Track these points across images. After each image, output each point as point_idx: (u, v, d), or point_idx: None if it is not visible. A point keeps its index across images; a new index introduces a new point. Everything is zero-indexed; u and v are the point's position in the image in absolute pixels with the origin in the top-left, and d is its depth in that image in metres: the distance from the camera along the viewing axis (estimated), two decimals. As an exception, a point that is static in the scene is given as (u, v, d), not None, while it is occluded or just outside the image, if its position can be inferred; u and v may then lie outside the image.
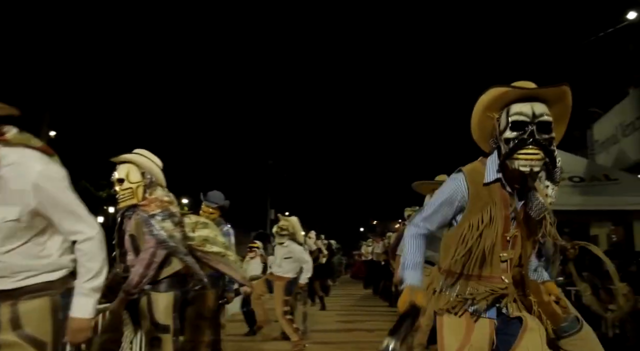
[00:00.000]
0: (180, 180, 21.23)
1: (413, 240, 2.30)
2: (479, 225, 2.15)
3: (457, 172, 2.27)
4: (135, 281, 3.23)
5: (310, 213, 42.36)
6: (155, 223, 3.27)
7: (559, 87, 2.09)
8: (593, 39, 11.99)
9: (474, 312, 2.18)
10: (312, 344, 6.83)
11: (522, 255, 2.20)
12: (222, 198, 5.16)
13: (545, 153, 2.03)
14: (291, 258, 6.39)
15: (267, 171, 30.51)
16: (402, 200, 27.63)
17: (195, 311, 4.10)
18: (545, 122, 2.05)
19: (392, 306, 11.53)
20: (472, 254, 2.17)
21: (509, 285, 2.18)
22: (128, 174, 3.31)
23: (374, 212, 46.94)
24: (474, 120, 2.24)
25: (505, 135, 2.10)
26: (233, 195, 21.58)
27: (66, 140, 18.21)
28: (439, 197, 2.28)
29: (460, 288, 2.22)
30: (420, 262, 2.26)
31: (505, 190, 2.17)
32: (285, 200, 37.85)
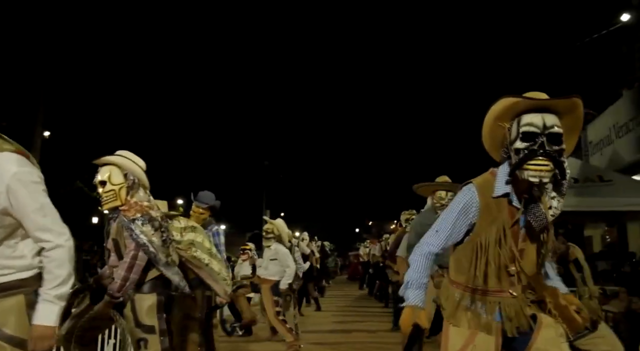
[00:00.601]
0: (175, 180, 21.19)
1: (423, 259, 2.27)
2: (490, 240, 2.15)
3: (468, 185, 2.26)
4: (118, 285, 3.20)
5: (306, 214, 42.44)
6: (136, 227, 3.25)
7: (570, 99, 2.09)
8: (587, 41, 12.05)
9: (482, 324, 2.17)
10: (307, 345, 6.82)
11: (534, 266, 2.20)
12: (212, 198, 5.15)
13: (555, 164, 2.02)
14: (277, 260, 6.36)
15: (263, 172, 30.50)
16: (398, 201, 27.30)
17: (183, 311, 4.09)
18: (555, 133, 2.04)
19: (387, 307, 11.56)
20: (482, 269, 2.17)
21: (518, 297, 2.17)
22: (110, 176, 3.29)
23: (370, 213, 46.97)
24: (485, 129, 2.23)
25: (515, 146, 2.09)
26: (229, 196, 21.06)
27: (60, 140, 18.15)
28: (452, 211, 2.25)
29: (469, 301, 2.22)
30: (425, 283, 2.24)
31: (512, 204, 2.16)
32: (281, 201, 37.88)
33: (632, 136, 9.98)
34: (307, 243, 11.14)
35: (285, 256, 6.39)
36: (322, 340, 7.16)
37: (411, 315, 2.17)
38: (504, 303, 2.17)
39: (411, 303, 2.20)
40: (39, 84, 16.07)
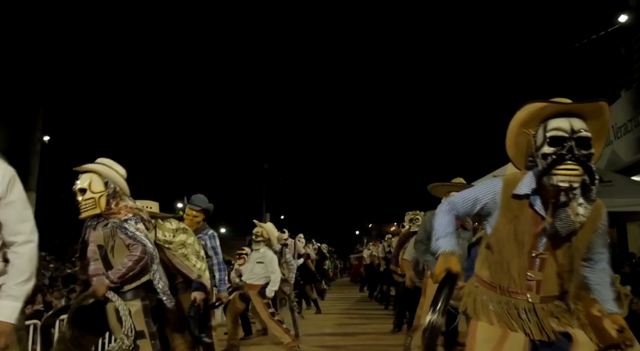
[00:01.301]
0: (175, 184, 21.17)
1: (444, 215, 2.31)
2: (508, 238, 2.14)
3: (497, 178, 2.28)
4: (121, 273, 3.21)
5: (306, 217, 42.42)
6: (129, 226, 3.27)
7: (596, 103, 2.06)
8: (585, 42, 12.07)
9: (507, 323, 2.14)
10: (308, 348, 6.83)
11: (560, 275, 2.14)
12: (205, 201, 5.14)
13: (584, 169, 1.99)
14: (263, 263, 6.29)
15: (262, 175, 30.50)
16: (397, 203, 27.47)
17: (177, 314, 4.10)
18: (584, 137, 2.02)
19: (387, 310, 11.54)
20: (499, 268, 2.16)
21: (535, 304, 2.13)
22: (90, 184, 3.28)
23: (369, 215, 46.94)
24: (509, 137, 2.20)
25: (542, 151, 2.06)
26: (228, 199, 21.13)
27: (60, 145, 18.18)
28: (474, 192, 2.29)
29: (492, 298, 2.20)
30: (451, 232, 2.27)
31: (533, 207, 2.13)
32: (281, 204, 37.88)
33: (630, 137, 10.00)
34: (303, 245, 11.11)
35: (272, 261, 6.32)
36: (323, 343, 7.15)
37: (443, 262, 2.18)
38: (517, 305, 2.14)
39: (442, 250, 2.22)
40: (38, 88, 16.07)
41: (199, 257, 4.33)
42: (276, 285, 6.27)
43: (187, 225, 4.86)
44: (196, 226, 5.04)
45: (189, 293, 4.22)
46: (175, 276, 4.17)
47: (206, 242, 4.99)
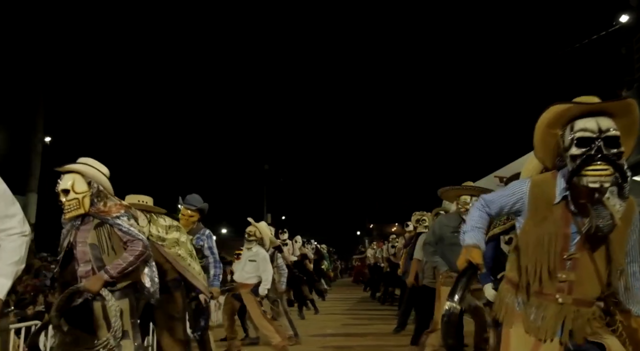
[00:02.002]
0: (176, 185, 21.20)
1: (477, 211, 2.34)
2: (537, 240, 2.13)
3: (526, 179, 2.30)
4: (121, 267, 3.19)
5: (307, 217, 42.41)
6: (122, 222, 3.26)
7: (623, 101, 2.05)
8: (586, 42, 12.07)
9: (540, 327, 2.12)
10: (310, 348, 6.83)
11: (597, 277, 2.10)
12: (200, 200, 5.13)
13: (614, 168, 1.98)
14: (255, 261, 6.28)
15: (263, 176, 30.54)
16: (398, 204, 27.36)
17: (166, 314, 4.09)
18: (612, 136, 2.00)
19: (390, 310, 11.53)
20: (529, 270, 2.15)
21: (565, 307, 2.10)
22: (73, 184, 3.24)
23: (370, 216, 46.93)
24: (536, 138, 2.19)
25: (571, 152, 2.05)
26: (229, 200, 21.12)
27: (61, 146, 18.18)
28: (504, 193, 2.30)
29: (523, 301, 2.19)
30: (480, 228, 2.28)
31: (568, 208, 2.11)
32: (282, 205, 37.89)
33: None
34: (299, 246, 11.10)
35: (264, 260, 6.31)
36: (325, 344, 7.16)
37: (465, 253, 2.21)
38: (548, 307, 2.11)
39: (467, 243, 2.24)
40: (39, 89, 16.09)
41: (192, 257, 4.34)
42: (268, 284, 6.26)
43: (182, 225, 4.87)
44: (192, 226, 5.04)
45: (179, 292, 4.22)
46: (166, 273, 4.16)
47: (204, 242, 5.01)
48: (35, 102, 16.07)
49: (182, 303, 4.31)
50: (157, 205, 4.41)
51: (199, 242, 4.99)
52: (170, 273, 4.22)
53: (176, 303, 4.22)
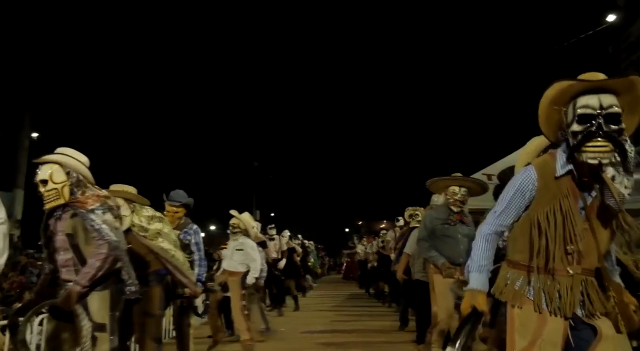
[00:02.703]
0: (165, 182, 21.10)
1: (483, 242, 2.28)
2: (547, 217, 2.13)
3: (528, 165, 2.27)
4: (91, 275, 3.11)
5: (296, 214, 42.37)
6: (96, 217, 3.19)
7: (626, 78, 2.06)
8: (574, 41, 12.17)
9: (546, 306, 2.12)
10: (297, 345, 6.84)
11: (598, 250, 2.14)
12: (185, 196, 5.12)
13: (614, 145, 1.99)
14: (243, 250, 6.30)
15: (253, 172, 30.46)
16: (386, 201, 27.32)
17: (142, 309, 4.03)
18: (614, 113, 2.01)
19: (384, 307, 11.55)
20: (540, 247, 2.15)
21: (574, 276, 2.12)
22: (52, 175, 3.22)
23: (359, 213, 47.00)
24: (541, 114, 2.20)
25: (572, 129, 2.07)
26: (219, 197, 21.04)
27: (49, 142, 18.02)
28: (510, 190, 2.25)
29: (530, 281, 2.18)
30: (486, 265, 2.25)
31: (575, 182, 2.13)
32: (271, 202, 37.82)
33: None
34: (287, 241, 11.08)
35: (252, 249, 6.36)
36: (313, 340, 7.15)
37: (471, 299, 2.20)
38: (560, 283, 2.12)
39: (471, 286, 2.23)
40: (26, 85, 15.93)
41: (177, 247, 4.31)
42: (257, 273, 6.31)
43: (169, 221, 4.89)
44: (178, 222, 5.03)
45: (159, 288, 4.19)
46: (149, 265, 4.13)
47: (191, 238, 4.99)
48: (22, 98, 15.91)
49: (161, 300, 4.26)
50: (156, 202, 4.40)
51: (186, 237, 4.98)
52: (154, 265, 4.17)
53: (154, 300, 4.16)
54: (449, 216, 4.98)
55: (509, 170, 3.79)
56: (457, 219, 4.97)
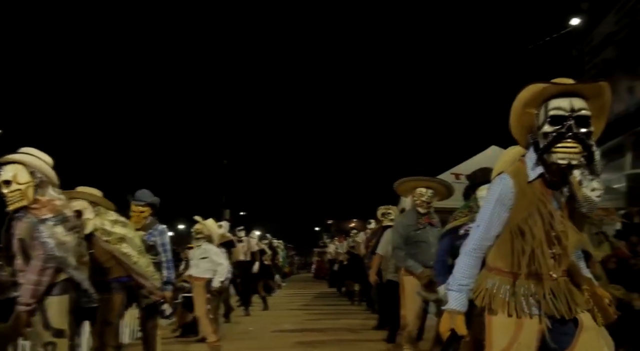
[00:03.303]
0: (133, 180, 20.76)
1: (466, 258, 2.28)
2: (527, 223, 2.15)
3: (501, 174, 2.28)
4: (31, 290, 3.02)
5: (266, 213, 42.25)
6: (45, 229, 3.07)
7: (596, 83, 2.11)
8: (539, 44, 12.44)
9: (525, 310, 2.14)
10: (267, 344, 6.82)
11: (571, 250, 2.19)
12: (150, 195, 5.02)
13: (583, 147, 2.04)
14: (207, 258, 6.28)
15: (222, 171, 30.22)
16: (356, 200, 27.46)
17: (101, 317, 3.92)
18: (583, 116, 2.07)
19: (353, 305, 11.60)
20: (521, 252, 2.16)
21: (558, 279, 2.15)
22: (15, 175, 3.12)
23: (329, 212, 47.11)
24: (513, 117, 2.23)
25: (543, 130, 2.11)
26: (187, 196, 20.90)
27: (13, 139, 17.52)
28: (490, 201, 2.24)
29: (510, 287, 2.19)
30: (467, 285, 2.25)
31: (547, 185, 2.17)
32: (241, 200, 37.61)
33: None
34: (255, 242, 11.02)
35: (217, 254, 6.36)
36: (283, 340, 7.14)
37: (449, 321, 2.20)
38: (544, 287, 2.14)
39: (449, 307, 2.23)
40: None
41: (141, 253, 4.24)
42: (223, 276, 6.30)
43: (134, 222, 4.78)
44: (144, 222, 4.91)
45: (119, 295, 4.10)
46: (109, 271, 4.05)
47: (156, 238, 4.87)
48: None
49: (120, 308, 4.18)
50: (112, 202, 4.31)
51: (150, 238, 4.85)
52: (115, 272, 4.08)
53: (113, 307, 4.07)
54: (417, 219, 4.99)
55: (480, 171, 3.82)
56: (425, 221, 5.00)
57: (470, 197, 3.84)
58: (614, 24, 9.78)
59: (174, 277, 5.11)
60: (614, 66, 9.05)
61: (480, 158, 8.86)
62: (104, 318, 3.98)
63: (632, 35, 8.65)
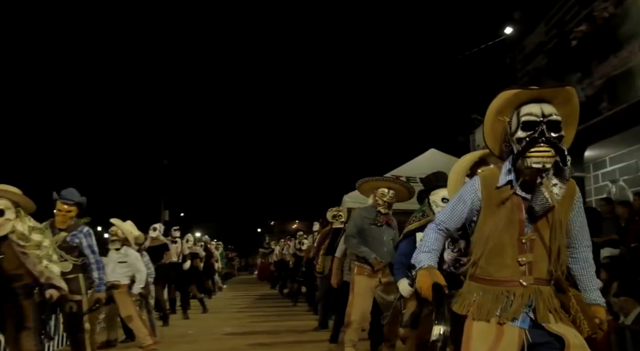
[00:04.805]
0: (70, 179, 19.93)
1: (432, 233, 2.36)
2: (495, 228, 2.20)
3: (474, 177, 2.36)
4: None
5: (207, 215, 41.57)
6: None
7: (563, 88, 2.20)
8: (474, 51, 12.91)
9: (503, 318, 2.16)
10: (207, 347, 6.72)
11: (549, 258, 2.20)
12: (78, 194, 4.88)
13: (555, 151, 2.11)
14: (126, 262, 6.12)
15: (162, 171, 29.49)
16: (298, 201, 27.65)
17: (13, 323, 3.87)
18: (554, 121, 2.14)
19: (296, 307, 11.60)
20: (489, 258, 2.21)
21: (528, 288, 2.17)
22: None
23: (271, 213, 46.95)
24: (486, 126, 2.30)
25: (517, 136, 2.17)
26: (125, 196, 20.41)
27: None
28: (455, 198, 2.36)
29: (484, 293, 2.22)
30: (435, 250, 2.32)
31: (517, 193, 2.21)
32: (180, 201, 36.85)
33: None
34: (189, 245, 10.85)
35: (137, 260, 6.19)
36: (224, 344, 7.06)
37: (428, 276, 2.21)
38: (514, 292, 2.17)
39: (423, 264, 2.26)
40: None
41: (51, 261, 4.11)
42: (143, 283, 6.16)
43: (59, 221, 4.68)
44: (70, 222, 4.78)
45: (29, 301, 3.99)
46: (18, 278, 3.94)
47: (81, 240, 4.76)
48: None
49: (34, 312, 4.05)
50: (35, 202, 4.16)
51: (74, 239, 4.74)
52: (24, 279, 3.98)
53: (26, 313, 3.96)
54: (376, 216, 5.06)
55: (433, 175, 3.91)
56: (383, 220, 5.08)
57: (424, 201, 3.93)
58: (544, 34, 10.27)
59: (105, 277, 4.98)
60: (544, 74, 9.47)
61: (419, 161, 9.10)
62: (17, 323, 3.85)
63: (559, 44, 9.10)
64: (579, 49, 7.94)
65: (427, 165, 7.24)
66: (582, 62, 7.59)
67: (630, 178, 8.13)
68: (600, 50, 7.10)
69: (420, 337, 3.70)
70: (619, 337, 4.61)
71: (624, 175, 8.27)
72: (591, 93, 7.20)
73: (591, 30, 7.56)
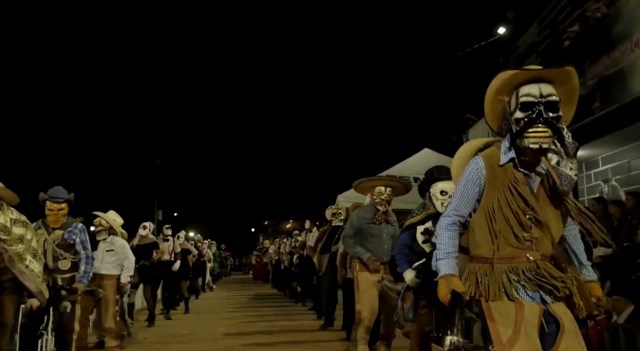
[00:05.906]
0: (63, 179, 19.82)
1: (445, 231, 2.35)
2: (499, 204, 2.22)
3: (475, 157, 2.37)
4: None
5: (200, 214, 41.46)
6: None
7: (562, 68, 2.22)
8: (467, 51, 12.94)
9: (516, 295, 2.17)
10: (200, 349, 6.70)
11: (550, 236, 2.23)
12: (65, 192, 4.88)
13: (553, 130, 2.15)
14: (113, 250, 6.10)
15: (155, 170, 29.37)
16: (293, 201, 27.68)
17: None
18: (552, 101, 2.17)
19: (296, 306, 11.59)
20: (496, 236, 2.22)
21: (536, 262, 2.19)
22: None
23: (265, 212, 46.91)
24: (486, 104, 2.33)
25: (515, 116, 2.21)
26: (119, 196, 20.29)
27: None
28: (462, 181, 2.34)
29: (495, 270, 2.21)
30: (452, 252, 2.31)
31: (518, 170, 2.25)
32: (174, 201, 36.72)
33: (507, 140, 10.81)
34: (180, 242, 10.83)
35: (123, 247, 6.18)
36: (217, 344, 7.03)
37: (446, 284, 2.23)
38: (521, 268, 2.18)
39: (443, 273, 2.27)
40: None
41: (35, 257, 4.09)
42: (131, 271, 6.17)
43: (52, 221, 4.66)
44: (63, 220, 4.78)
45: (11, 297, 3.98)
46: (5, 270, 3.93)
47: (76, 236, 4.79)
48: None
49: (14, 309, 4.04)
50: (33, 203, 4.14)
51: (71, 236, 4.76)
52: (8, 272, 3.96)
53: (6, 310, 3.95)
54: (374, 215, 5.11)
55: (435, 168, 3.99)
56: (382, 218, 5.12)
57: (425, 193, 3.98)
58: (537, 34, 10.31)
59: (90, 273, 4.98)
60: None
61: (413, 160, 9.12)
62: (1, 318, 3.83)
63: (552, 45, 9.14)
64: (571, 49, 7.97)
65: (421, 165, 7.27)
66: (575, 62, 7.56)
67: (623, 177, 8.16)
68: (592, 50, 7.13)
69: (420, 329, 3.79)
70: (612, 336, 4.64)
71: (617, 174, 8.30)
72: (584, 94, 7.22)
73: (584, 30, 7.59)
